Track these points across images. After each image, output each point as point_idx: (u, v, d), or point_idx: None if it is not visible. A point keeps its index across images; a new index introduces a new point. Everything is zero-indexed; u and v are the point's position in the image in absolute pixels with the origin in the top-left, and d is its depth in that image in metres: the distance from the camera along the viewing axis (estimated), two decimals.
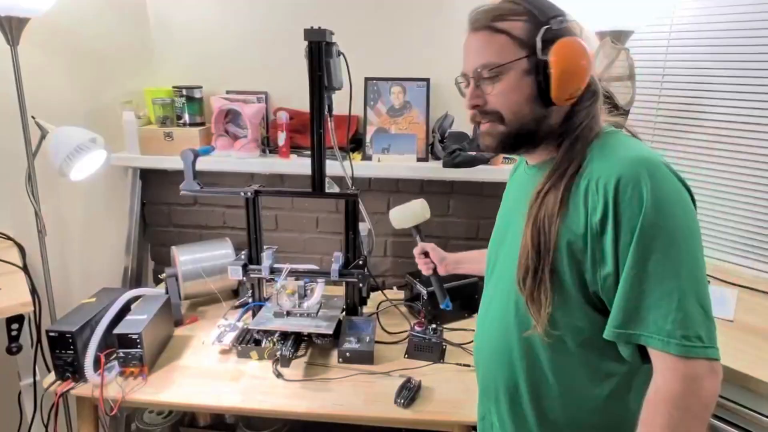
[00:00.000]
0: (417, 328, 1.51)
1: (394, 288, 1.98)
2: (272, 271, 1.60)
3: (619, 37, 1.60)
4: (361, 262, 1.61)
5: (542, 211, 0.82)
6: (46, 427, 1.50)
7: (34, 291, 1.54)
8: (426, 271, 1.38)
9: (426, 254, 1.38)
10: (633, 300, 0.75)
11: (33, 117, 1.56)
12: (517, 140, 0.88)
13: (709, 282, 0.78)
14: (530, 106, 0.84)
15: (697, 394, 0.71)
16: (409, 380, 1.34)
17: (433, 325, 1.52)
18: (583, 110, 0.84)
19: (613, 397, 0.85)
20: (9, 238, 1.67)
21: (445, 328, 1.59)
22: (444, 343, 1.51)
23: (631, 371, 0.84)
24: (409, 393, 1.29)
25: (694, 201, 0.79)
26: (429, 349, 1.48)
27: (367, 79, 1.84)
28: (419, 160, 1.84)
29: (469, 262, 1.40)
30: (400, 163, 1.83)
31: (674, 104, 1.78)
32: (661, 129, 1.83)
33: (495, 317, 0.96)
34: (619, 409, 0.85)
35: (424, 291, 1.67)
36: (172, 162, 1.82)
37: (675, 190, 0.75)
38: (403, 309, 1.77)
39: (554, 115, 0.85)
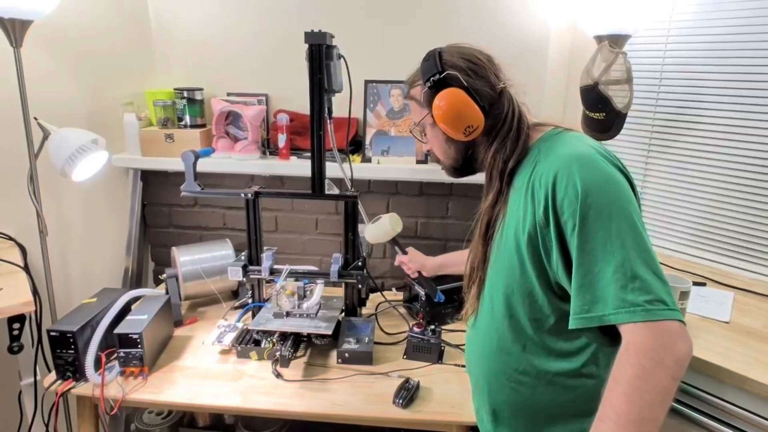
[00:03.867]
0: (416, 329, 1.51)
1: (393, 289, 1.99)
2: (272, 272, 1.61)
3: (616, 41, 1.62)
4: (360, 264, 1.62)
5: (498, 221, 0.95)
6: (47, 426, 1.51)
7: (35, 291, 1.55)
8: (412, 274, 1.55)
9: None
10: (590, 283, 0.78)
11: (35, 118, 1.57)
12: (462, 171, 1.07)
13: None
14: (451, 147, 1.03)
15: (670, 349, 0.72)
16: (407, 381, 1.35)
17: (432, 326, 1.52)
18: (492, 137, 0.96)
19: (583, 373, 0.89)
20: (10, 239, 1.68)
21: (444, 329, 1.60)
22: (442, 344, 1.51)
23: (596, 346, 0.88)
24: (408, 393, 1.30)
25: (632, 184, 0.85)
26: (427, 350, 1.49)
27: (366, 82, 1.85)
28: (418, 162, 1.85)
29: (451, 265, 1.53)
30: (399, 165, 1.85)
31: (671, 107, 1.79)
32: (658, 132, 1.84)
33: (481, 313, 1.00)
34: (592, 383, 0.89)
35: (422, 292, 1.67)
36: (172, 163, 1.83)
37: (605, 173, 0.81)
38: (402, 310, 1.78)
39: (480, 143, 0.99)
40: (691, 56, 1.72)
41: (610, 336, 0.79)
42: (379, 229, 1.50)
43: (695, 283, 1.53)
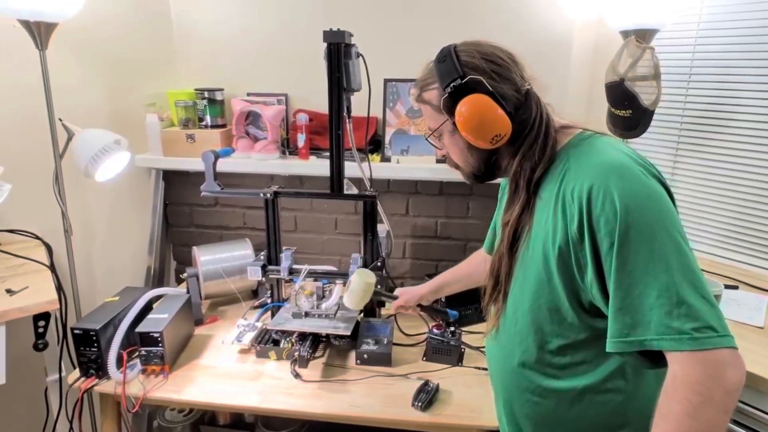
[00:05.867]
0: (435, 331, 1.49)
1: None
2: (291, 272, 1.61)
3: (643, 35, 1.57)
4: (379, 264, 1.61)
5: (524, 234, 0.90)
6: (71, 422, 1.53)
7: (60, 289, 1.58)
8: (413, 312, 1.48)
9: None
10: (630, 306, 0.73)
11: (60, 119, 1.60)
12: (483, 177, 1.00)
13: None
14: (473, 155, 0.96)
15: (720, 381, 0.68)
16: (426, 383, 1.33)
17: (452, 328, 1.50)
18: (519, 143, 0.90)
19: (611, 389, 0.85)
20: (37, 238, 1.72)
21: (464, 331, 1.57)
22: (462, 346, 1.49)
23: (624, 361, 0.83)
24: (427, 396, 1.28)
25: (671, 194, 0.79)
26: (447, 352, 1.47)
27: (386, 80, 1.84)
28: (438, 161, 1.82)
29: (447, 285, 1.45)
30: (419, 165, 1.83)
31: (701, 105, 1.73)
32: (687, 130, 1.78)
33: (504, 327, 0.96)
34: (620, 398, 0.86)
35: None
36: (193, 163, 1.85)
37: (645, 187, 0.76)
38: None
39: (504, 150, 0.93)
40: (723, 50, 1.66)
41: (650, 357, 0.74)
42: (355, 292, 1.37)
43: (727, 286, 1.47)
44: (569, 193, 0.80)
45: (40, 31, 1.48)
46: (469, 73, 0.87)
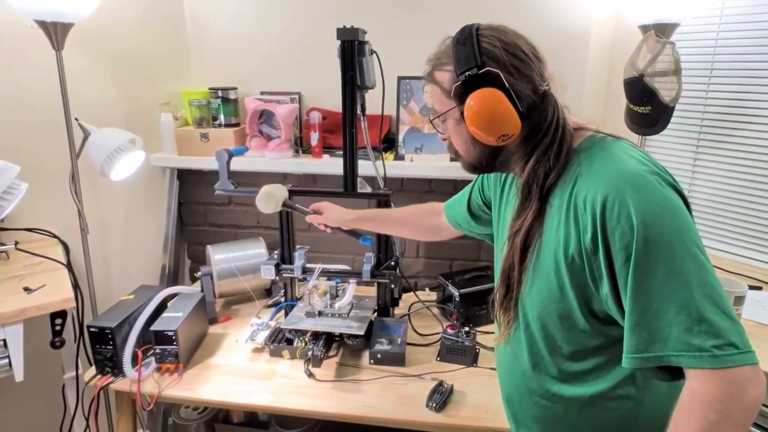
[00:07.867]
0: (449, 331, 1.48)
1: (427, 289, 1.96)
2: (304, 270, 1.61)
3: (663, 30, 1.53)
4: (393, 263, 1.60)
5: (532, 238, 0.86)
6: (87, 419, 1.55)
7: (76, 287, 1.59)
8: (326, 229, 1.48)
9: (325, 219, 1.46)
10: (648, 322, 0.71)
11: (76, 119, 1.62)
12: (482, 170, 0.97)
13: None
14: (476, 147, 0.90)
15: (740, 399, 0.66)
16: (440, 384, 1.32)
17: (466, 328, 1.48)
18: (531, 146, 0.85)
19: (621, 395, 0.84)
20: (54, 236, 1.74)
21: (479, 331, 1.55)
22: (477, 347, 1.47)
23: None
24: (441, 397, 1.27)
25: (687, 202, 0.76)
26: (461, 353, 1.45)
27: (399, 78, 1.82)
28: (452, 159, 1.80)
29: (369, 219, 1.45)
30: (432, 163, 1.81)
31: (723, 100, 1.69)
32: (708, 127, 1.74)
33: (515, 331, 0.95)
34: (630, 404, 0.84)
35: (456, 293, 1.64)
36: (207, 162, 1.85)
37: (662, 198, 0.73)
38: (436, 311, 1.74)
39: (513, 150, 0.88)
40: (745, 44, 1.61)
41: (667, 370, 0.72)
42: (261, 202, 1.45)
43: (751, 287, 1.43)
44: (581, 201, 0.77)
45: (56, 32, 1.49)
46: (488, 63, 0.80)
